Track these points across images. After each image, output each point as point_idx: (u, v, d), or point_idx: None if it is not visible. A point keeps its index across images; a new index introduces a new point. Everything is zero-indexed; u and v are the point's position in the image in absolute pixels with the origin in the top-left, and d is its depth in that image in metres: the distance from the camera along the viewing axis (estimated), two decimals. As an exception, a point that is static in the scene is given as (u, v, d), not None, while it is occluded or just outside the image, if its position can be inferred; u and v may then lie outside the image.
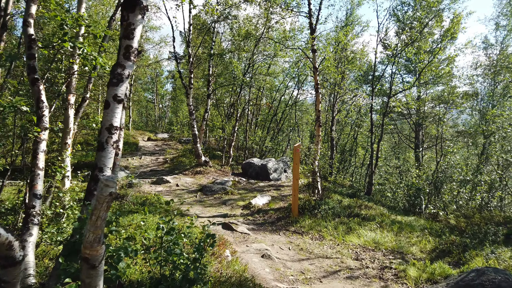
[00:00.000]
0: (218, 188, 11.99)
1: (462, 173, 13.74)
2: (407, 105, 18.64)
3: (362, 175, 26.23)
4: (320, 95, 10.31)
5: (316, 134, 10.76)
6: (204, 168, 15.49)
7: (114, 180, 2.34)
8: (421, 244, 7.95)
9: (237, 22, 16.60)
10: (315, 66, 10.47)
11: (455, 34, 15.90)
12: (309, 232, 8.59)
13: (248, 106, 21.72)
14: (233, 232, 8.14)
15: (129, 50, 3.54)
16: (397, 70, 17.98)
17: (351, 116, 24.48)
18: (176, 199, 10.98)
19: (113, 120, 3.44)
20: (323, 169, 11.92)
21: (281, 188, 13.43)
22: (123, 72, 3.50)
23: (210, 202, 10.97)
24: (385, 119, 17.77)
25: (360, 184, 23.17)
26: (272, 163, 15.49)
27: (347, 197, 13.58)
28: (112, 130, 3.43)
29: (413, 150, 24.91)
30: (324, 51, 10.52)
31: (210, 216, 9.38)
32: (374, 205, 12.78)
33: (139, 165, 17.38)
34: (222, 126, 18.73)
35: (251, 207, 10.27)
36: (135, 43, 3.57)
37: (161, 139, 26.32)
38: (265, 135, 22.25)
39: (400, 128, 27.78)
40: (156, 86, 42.23)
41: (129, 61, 3.55)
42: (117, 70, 3.48)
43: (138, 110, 46.37)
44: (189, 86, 15.23)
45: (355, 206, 11.61)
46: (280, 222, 9.33)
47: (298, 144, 9.43)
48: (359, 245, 7.90)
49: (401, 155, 26.25)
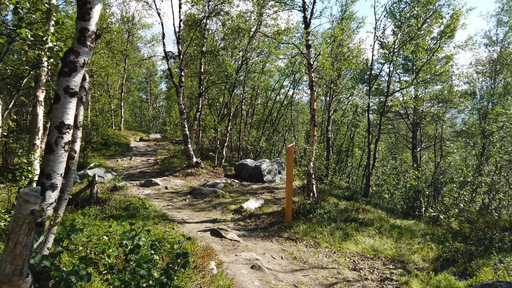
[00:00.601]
0: (209, 191, 11.41)
1: (462, 174, 13.26)
2: (405, 104, 18.15)
3: (359, 176, 25.73)
4: (316, 93, 9.76)
5: (311, 134, 10.21)
6: (196, 170, 14.91)
7: (37, 194, 1.76)
8: (423, 252, 7.42)
9: (229, 18, 16.04)
10: (309, 63, 9.93)
11: (455, 30, 15.43)
12: (303, 239, 8.05)
13: (242, 105, 21.15)
14: (222, 239, 7.58)
15: (84, 33, 2.97)
16: (394, 69, 17.44)
17: (347, 115, 23.96)
18: (164, 203, 10.41)
19: (65, 117, 2.87)
20: (319, 170, 11.39)
21: (275, 191, 12.88)
22: (77, 59, 2.93)
23: (200, 206, 10.39)
24: (383, 119, 17.25)
25: (357, 185, 22.68)
26: (266, 164, 14.94)
27: (343, 199, 13.06)
28: (63, 129, 2.85)
29: (411, 151, 24.51)
30: (319, 47, 9.96)
31: (199, 221, 8.82)
32: (372, 208, 12.27)
33: (128, 166, 16.77)
34: (215, 126, 18.14)
35: (243, 211, 9.71)
36: (92, 25, 3.00)
37: (154, 140, 25.72)
38: (259, 135, 21.69)
39: (397, 128, 27.34)
40: (150, 85, 41.59)
41: (85, 47, 2.98)
42: (70, 57, 2.91)
43: (132, 110, 45.74)
44: (179, 85, 14.64)
45: (352, 209, 11.09)
46: (273, 227, 8.78)
47: (292, 145, 8.88)
48: (357, 253, 7.36)
49: (398, 155, 25.82)
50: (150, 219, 7.87)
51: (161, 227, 7.31)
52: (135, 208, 8.47)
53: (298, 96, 28.95)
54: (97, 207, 8.04)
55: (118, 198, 9.06)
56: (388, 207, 15.77)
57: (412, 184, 14.05)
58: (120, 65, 25.46)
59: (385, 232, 8.68)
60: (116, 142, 22.00)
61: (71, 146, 3.24)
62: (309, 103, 10.40)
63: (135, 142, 24.73)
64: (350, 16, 20.27)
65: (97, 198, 8.38)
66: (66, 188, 3.24)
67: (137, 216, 7.81)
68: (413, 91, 21.17)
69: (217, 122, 18.03)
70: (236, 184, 13.62)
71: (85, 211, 7.74)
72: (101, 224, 5.94)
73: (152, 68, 39.87)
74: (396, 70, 19.84)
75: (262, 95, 26.31)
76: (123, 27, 26.77)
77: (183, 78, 14.84)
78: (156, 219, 7.97)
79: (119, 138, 23.21)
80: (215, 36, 18.18)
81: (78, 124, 3.44)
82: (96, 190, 8.43)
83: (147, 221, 7.66)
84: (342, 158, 25.34)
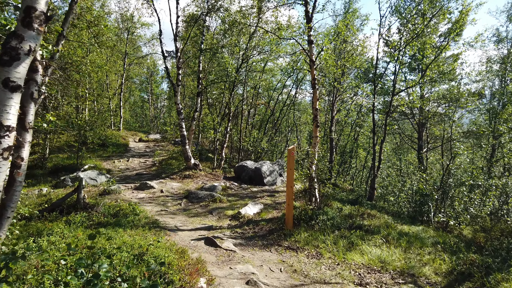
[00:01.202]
0: (206, 194, 10.85)
1: (472, 177, 12.63)
2: (412, 103, 17.50)
3: (363, 178, 25.06)
4: (318, 92, 9.17)
5: (314, 135, 9.62)
6: (194, 172, 14.35)
7: None
8: (435, 264, 6.82)
9: (229, 15, 15.46)
10: (311, 59, 9.34)
11: (463, 26, 14.78)
12: (304, 248, 7.45)
13: (242, 105, 20.56)
14: (216, 249, 7.01)
15: (30, 14, 2.40)
16: (400, 67, 16.78)
17: (351, 115, 23.30)
18: (158, 207, 9.87)
19: (3, 117, 2.30)
20: (322, 172, 10.80)
21: (276, 194, 12.30)
22: (21, 45, 2.36)
23: (196, 211, 9.83)
24: (388, 119, 16.61)
25: (361, 187, 22.02)
26: (266, 166, 14.36)
27: (348, 204, 12.47)
28: (0, 131, 2.29)
29: (416, 152, 23.87)
30: (322, 42, 9.37)
31: (193, 228, 8.26)
32: (377, 213, 11.68)
33: (125, 168, 16.26)
34: (214, 126, 17.55)
35: (241, 217, 9.14)
36: (41, 4, 2.43)
37: (153, 140, 25.21)
38: (261, 136, 21.10)
39: (402, 129, 26.66)
40: (151, 85, 41.12)
41: (31, 30, 2.41)
42: (11, 43, 2.34)
43: (133, 110, 45.38)
44: (176, 84, 14.08)
45: (357, 215, 10.51)
46: (272, 235, 8.20)
47: (293, 147, 8.29)
48: (363, 264, 6.77)
49: (402, 157, 25.14)
50: (140, 227, 7.31)
51: (150, 236, 6.76)
52: (124, 214, 7.92)
53: (301, 96, 28.39)
54: (84, 213, 7.50)
55: (108, 203, 8.51)
56: (394, 211, 15.18)
57: (419, 187, 13.46)
58: (118, 63, 24.97)
59: (392, 240, 8.08)
60: (114, 142, 21.51)
61: (15, 152, 2.67)
62: (311, 103, 9.81)
63: (134, 142, 24.24)
64: (354, 12, 19.63)
65: (84, 204, 7.84)
66: (9, 204, 2.68)
67: (125, 224, 7.25)
68: (419, 90, 20.52)
69: (217, 122, 17.45)
70: (235, 187, 13.05)
71: (70, 218, 7.21)
72: (72, 237, 5.37)
73: (152, 68, 39.40)
74: (402, 69, 19.21)
75: (264, 94, 25.74)
76: (122, 25, 26.32)
77: (180, 77, 14.28)
78: (146, 226, 7.41)
79: (117, 138, 22.72)
80: (215, 34, 17.62)
81: (27, 125, 2.88)
82: (83, 195, 7.89)
83: (136, 229, 7.10)
84: (346, 159, 24.68)
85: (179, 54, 13.96)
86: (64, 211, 7.57)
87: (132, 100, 43.52)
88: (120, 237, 6.13)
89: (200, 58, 15.52)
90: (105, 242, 5.19)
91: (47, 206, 7.80)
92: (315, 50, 9.67)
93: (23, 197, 9.20)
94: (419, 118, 22.02)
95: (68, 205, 7.83)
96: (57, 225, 6.00)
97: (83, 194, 7.89)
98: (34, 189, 10.22)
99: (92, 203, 8.05)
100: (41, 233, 5.64)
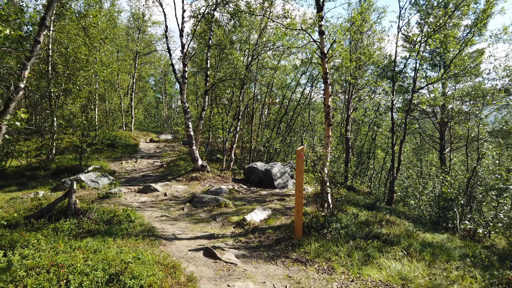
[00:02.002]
0: (210, 198, 10.15)
1: (502, 180, 11.51)
2: (433, 101, 16.37)
3: (382, 180, 23.88)
4: (332, 88, 8.33)
5: (326, 135, 8.78)
6: (201, 174, 13.70)
7: None
8: (465, 282, 5.91)
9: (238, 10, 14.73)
10: (323, 51, 8.51)
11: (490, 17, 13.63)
12: (315, 261, 6.65)
13: (253, 104, 19.78)
14: (216, 262, 6.31)
15: None
16: (420, 62, 15.67)
17: (368, 114, 22.19)
18: (158, 213, 9.23)
19: None
20: (336, 175, 9.95)
21: (286, 198, 11.51)
22: None
23: (199, 217, 9.15)
24: (408, 117, 15.56)
25: (379, 190, 20.93)
26: (277, 168, 13.57)
27: (364, 208, 11.59)
28: None
29: (438, 152, 22.67)
30: (334, 32, 8.51)
31: (193, 237, 7.57)
32: (397, 219, 10.76)
33: (132, 169, 15.76)
34: (222, 125, 16.85)
35: (246, 224, 8.41)
36: None
37: (164, 141, 24.78)
38: (274, 136, 20.28)
39: (422, 128, 25.39)
40: (165, 85, 40.89)
41: None
42: None
43: (148, 111, 45.38)
44: (182, 81, 13.45)
45: (375, 221, 9.63)
46: (280, 245, 7.43)
47: (302, 147, 7.49)
48: (381, 281, 5.92)
49: (423, 157, 23.89)
50: (133, 236, 6.67)
51: (142, 247, 6.11)
52: (118, 221, 7.30)
53: (317, 95, 27.45)
54: (74, 220, 6.91)
55: (102, 208, 7.91)
56: (414, 215, 14.23)
57: (443, 191, 12.45)
58: (127, 61, 24.58)
59: (414, 253, 7.18)
60: (124, 143, 21.13)
61: None
62: (323, 99, 8.98)
63: (145, 143, 23.84)
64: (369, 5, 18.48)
65: (76, 209, 7.25)
66: None
67: (117, 233, 6.62)
68: (441, 87, 19.34)
69: (225, 121, 16.74)
70: (243, 190, 12.32)
71: (58, 225, 6.63)
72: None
73: (166, 68, 39.14)
74: (422, 64, 18.09)
75: (277, 93, 24.90)
76: (134, 24, 25.99)
77: (186, 74, 13.64)
78: (140, 235, 6.76)
79: (128, 139, 22.34)
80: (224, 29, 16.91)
81: None
82: (74, 200, 7.31)
83: (128, 239, 6.47)
84: (363, 160, 23.56)
85: (185, 51, 13.33)
86: (53, 217, 7.00)
87: (147, 101, 43.50)
88: (106, 248, 5.51)
89: (208, 54, 14.85)
90: (81, 257, 4.54)
91: (36, 211, 7.25)
92: (326, 42, 8.85)
93: (16, 201, 8.72)
94: (441, 117, 20.83)
95: (58, 211, 7.26)
96: (35, 236, 5.40)
97: (74, 199, 7.30)
98: (31, 192, 9.74)
99: (85, 208, 7.47)
100: (15, 244, 5.05)
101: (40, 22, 5.98)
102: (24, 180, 11.97)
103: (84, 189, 10.72)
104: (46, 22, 6.08)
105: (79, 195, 9.87)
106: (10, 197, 9.22)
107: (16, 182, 11.78)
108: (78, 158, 15.69)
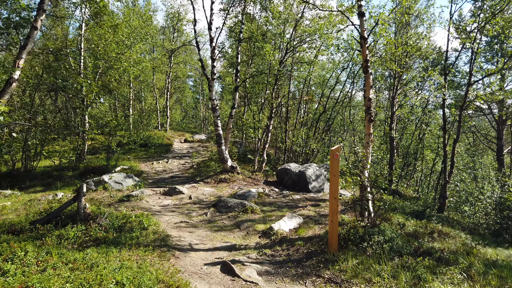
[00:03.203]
0: (236, 203, 9.26)
1: None
2: (492, 96, 14.39)
3: (431, 184, 21.77)
4: (372, 77, 7.14)
5: (366, 133, 7.58)
6: (230, 175, 12.88)
7: None
8: (552, 321, 4.53)
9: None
10: (362, 36, 7.33)
11: None
12: (352, 282, 5.50)
13: (288, 101, 18.67)
14: (234, 280, 5.38)
15: None
16: (477, 51, 13.77)
17: (415, 111, 20.26)
18: (178, 218, 8.48)
19: None
20: (379, 177, 8.67)
21: (321, 204, 10.36)
22: None
23: (221, 224, 8.28)
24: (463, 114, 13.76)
25: (428, 195, 18.98)
26: (312, 169, 12.42)
27: (411, 217, 10.17)
28: None
29: (494, 153, 20.41)
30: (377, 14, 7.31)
31: (211, 248, 6.69)
32: (451, 230, 9.29)
33: (162, 169, 15.30)
34: (254, 124, 15.93)
35: (273, 234, 7.41)
36: None
37: (198, 141, 24.39)
38: (311, 135, 19.06)
39: (477, 126, 22.99)
40: (202, 85, 40.91)
41: None
42: None
43: (186, 111, 45.82)
44: (211, 77, 12.72)
45: (425, 233, 8.27)
46: (311, 260, 6.35)
47: (337, 147, 6.37)
48: (436, 315, 4.70)
49: (477, 158, 21.52)
50: (143, 246, 5.91)
51: (148, 260, 5.32)
52: (130, 228, 6.60)
53: (358, 93, 25.87)
54: (81, 226, 6.29)
55: (115, 213, 7.27)
56: (469, 224, 12.55)
57: (506, 197, 10.75)
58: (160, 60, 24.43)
59: (477, 276, 5.80)
60: (158, 143, 20.90)
61: None
62: (363, 91, 7.77)
63: (179, 143, 23.56)
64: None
65: (85, 214, 6.64)
66: None
67: (125, 242, 5.89)
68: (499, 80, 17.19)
69: (257, 120, 15.80)
70: (274, 193, 11.32)
71: (64, 232, 6.03)
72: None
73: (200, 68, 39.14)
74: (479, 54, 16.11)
75: (316, 91, 23.60)
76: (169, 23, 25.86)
77: (215, 70, 12.91)
78: (151, 245, 5.99)
79: (162, 139, 22.14)
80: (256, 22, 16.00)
81: None
82: (84, 204, 6.71)
83: (137, 249, 5.71)
84: (409, 162, 21.61)
85: (214, 45, 12.60)
86: (60, 223, 6.43)
87: (185, 101, 43.85)
88: (106, 263, 4.77)
89: (238, 49, 14.01)
90: (64, 277, 3.79)
91: (44, 216, 6.73)
92: (367, 26, 7.65)
93: (33, 203, 8.35)
94: (499, 114, 18.61)
95: (67, 216, 6.69)
96: (24, 246, 4.76)
97: (84, 203, 6.71)
98: (50, 194, 9.38)
99: (96, 213, 6.84)
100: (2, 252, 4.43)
101: (38, 6, 5.42)
102: (51, 180, 11.81)
103: (106, 190, 10.26)
104: (44, 6, 5.51)
105: (97, 197, 9.39)
106: (29, 199, 8.89)
107: (42, 183, 11.64)
108: (107, 158, 15.51)
